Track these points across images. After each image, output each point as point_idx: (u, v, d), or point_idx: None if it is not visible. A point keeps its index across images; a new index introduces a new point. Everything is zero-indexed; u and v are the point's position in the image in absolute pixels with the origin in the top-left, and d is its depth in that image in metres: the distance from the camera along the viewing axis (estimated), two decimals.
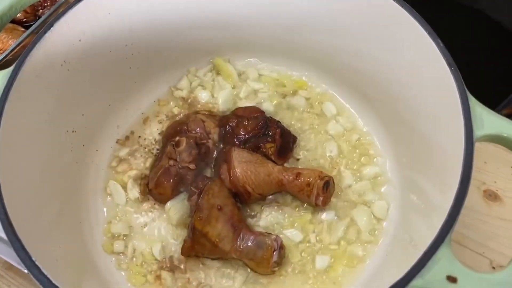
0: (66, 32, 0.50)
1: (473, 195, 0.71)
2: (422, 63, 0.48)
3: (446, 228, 0.37)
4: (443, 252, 0.36)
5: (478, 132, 0.41)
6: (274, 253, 0.50)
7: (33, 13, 0.76)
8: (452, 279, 0.35)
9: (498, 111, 0.43)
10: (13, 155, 0.44)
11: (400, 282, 0.35)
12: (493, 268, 0.66)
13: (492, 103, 0.44)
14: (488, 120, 0.42)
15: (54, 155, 0.51)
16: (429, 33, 0.47)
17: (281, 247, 0.51)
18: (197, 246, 0.51)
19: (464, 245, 0.66)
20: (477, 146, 0.73)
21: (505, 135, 0.41)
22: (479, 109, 0.42)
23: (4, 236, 0.56)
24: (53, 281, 0.36)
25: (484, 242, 0.66)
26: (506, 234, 0.66)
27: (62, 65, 0.51)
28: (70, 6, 0.49)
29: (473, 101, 0.43)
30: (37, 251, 0.38)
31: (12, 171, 0.43)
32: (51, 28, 0.48)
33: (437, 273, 0.35)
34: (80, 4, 0.49)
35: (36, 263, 0.36)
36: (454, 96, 0.43)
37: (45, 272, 0.36)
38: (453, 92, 0.43)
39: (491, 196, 0.71)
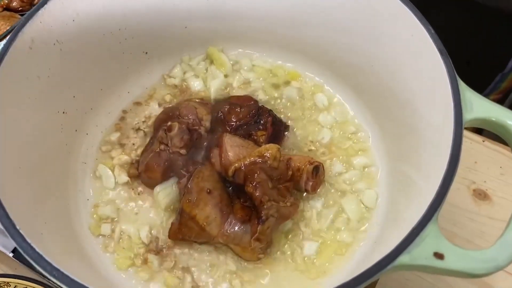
0: (59, 11, 0.50)
1: (463, 194, 0.71)
2: (413, 50, 0.49)
3: (434, 206, 0.37)
4: (430, 229, 0.36)
5: (467, 116, 0.42)
6: None
7: (29, 2, 0.76)
8: (439, 256, 0.35)
9: (485, 96, 0.43)
10: (1, 128, 0.44)
11: (388, 257, 0.35)
12: None
13: (478, 89, 0.44)
14: (478, 104, 0.42)
15: (43, 134, 0.51)
16: (420, 20, 0.47)
17: None
18: (185, 229, 0.51)
19: (452, 242, 0.66)
20: (468, 146, 0.75)
21: (493, 119, 0.41)
22: (468, 94, 0.43)
23: None
24: (37, 249, 0.35)
25: (472, 240, 0.66)
26: (494, 232, 0.66)
27: (54, 44, 0.51)
28: None
29: (462, 86, 0.43)
30: (22, 222, 0.37)
31: (0, 142, 0.42)
32: (45, 6, 0.49)
33: (424, 249, 0.35)
34: None
35: (20, 231, 0.36)
36: (444, 81, 0.44)
37: (29, 240, 0.35)
38: (444, 77, 0.44)
39: (481, 195, 0.72)
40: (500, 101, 1.00)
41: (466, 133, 0.75)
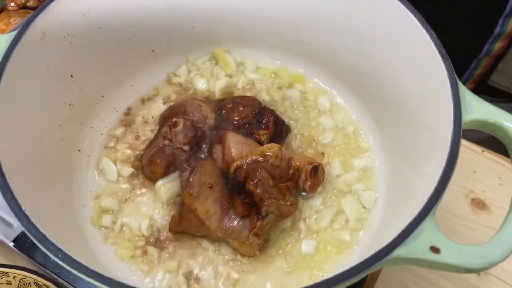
0: (71, 4, 0.51)
1: (461, 203, 0.72)
2: (416, 54, 0.50)
3: (431, 202, 0.37)
4: (427, 223, 0.37)
5: (466, 117, 0.42)
6: None
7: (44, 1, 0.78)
8: (435, 249, 0.36)
9: None
10: (10, 116, 0.45)
11: (385, 249, 0.36)
12: (478, 275, 0.66)
13: None
14: (477, 106, 0.43)
15: (49, 124, 0.52)
16: (423, 25, 0.48)
17: None
18: (185, 222, 0.51)
19: None
20: (467, 156, 0.76)
21: (491, 121, 0.42)
22: (468, 96, 0.44)
23: None
24: (41, 230, 0.36)
25: None
26: None
27: (64, 36, 0.52)
28: None
29: (462, 88, 0.44)
30: (27, 206, 0.38)
31: (9, 130, 0.43)
32: None
33: (421, 243, 0.36)
34: None
35: (26, 212, 0.37)
36: (445, 83, 0.44)
37: (34, 222, 0.36)
38: (444, 79, 0.45)
39: (479, 204, 0.72)
40: (473, 90, 1.01)
41: (466, 143, 0.76)
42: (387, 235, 0.46)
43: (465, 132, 0.42)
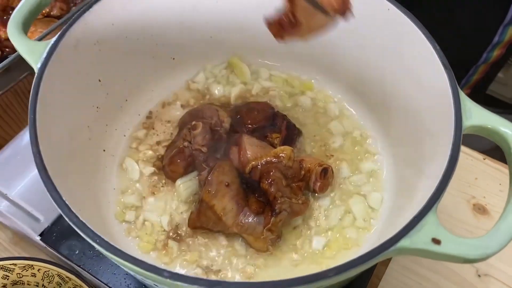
0: (102, 15, 0.56)
1: (463, 208, 0.75)
2: (420, 65, 0.53)
3: (434, 198, 0.41)
4: (429, 218, 0.40)
5: (466, 123, 0.46)
6: None
7: (67, 10, 0.82)
8: (436, 241, 0.39)
9: None
10: (49, 116, 0.48)
11: (390, 240, 0.39)
12: (479, 276, 0.69)
13: None
14: (476, 113, 0.47)
15: (80, 125, 0.56)
16: (427, 38, 0.52)
17: None
18: (203, 218, 0.55)
19: None
20: (469, 163, 0.79)
21: (489, 126, 0.46)
22: (468, 103, 0.47)
23: (22, 204, 0.61)
24: (80, 218, 0.39)
25: None
26: None
27: (94, 44, 0.57)
28: None
29: (463, 96, 0.48)
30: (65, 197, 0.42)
31: (48, 129, 0.47)
32: (90, 9, 0.54)
33: (424, 235, 0.39)
34: None
35: (66, 202, 0.40)
36: (447, 91, 0.48)
37: (74, 210, 0.40)
38: (447, 88, 0.48)
39: (480, 209, 0.75)
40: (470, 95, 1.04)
41: (468, 151, 0.79)
42: (392, 232, 0.50)
43: (469, 142, 0.45)
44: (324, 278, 0.37)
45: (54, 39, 0.50)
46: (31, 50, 0.50)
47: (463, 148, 0.77)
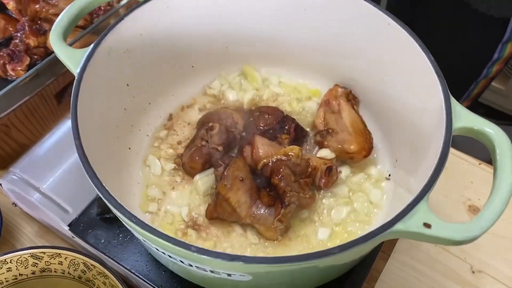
0: (131, 26, 0.62)
1: (459, 208, 0.80)
2: (416, 73, 0.59)
3: (425, 189, 0.46)
4: (422, 205, 0.45)
5: (456, 125, 0.52)
6: None
7: (91, 21, 0.89)
8: (427, 225, 0.45)
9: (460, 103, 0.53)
10: (85, 114, 0.54)
11: (387, 224, 0.45)
12: (473, 272, 0.75)
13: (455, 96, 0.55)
14: (464, 116, 0.52)
15: (110, 124, 0.62)
16: (423, 49, 0.58)
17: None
18: (219, 209, 0.61)
19: (448, 250, 0.75)
20: (466, 167, 0.85)
21: (476, 128, 0.51)
22: (458, 107, 0.53)
23: (53, 196, 0.66)
24: (119, 201, 0.45)
25: (466, 250, 0.74)
26: (486, 244, 0.74)
27: (124, 52, 0.63)
28: (140, 4, 0.61)
29: (453, 101, 0.53)
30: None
31: (87, 126, 0.53)
32: (121, 21, 0.60)
33: (416, 220, 0.45)
34: (147, 4, 0.62)
35: (106, 187, 0.46)
36: (439, 97, 0.54)
37: (113, 194, 0.46)
38: (439, 94, 0.54)
39: (475, 211, 0.80)
40: (470, 107, 1.09)
41: (465, 156, 0.84)
42: None
43: (470, 152, 0.48)
44: (330, 254, 0.42)
45: (91, 47, 0.57)
46: (71, 57, 0.56)
47: (460, 154, 0.84)
